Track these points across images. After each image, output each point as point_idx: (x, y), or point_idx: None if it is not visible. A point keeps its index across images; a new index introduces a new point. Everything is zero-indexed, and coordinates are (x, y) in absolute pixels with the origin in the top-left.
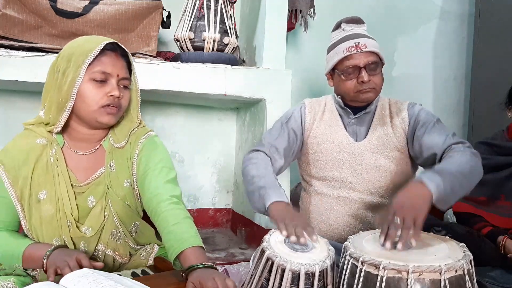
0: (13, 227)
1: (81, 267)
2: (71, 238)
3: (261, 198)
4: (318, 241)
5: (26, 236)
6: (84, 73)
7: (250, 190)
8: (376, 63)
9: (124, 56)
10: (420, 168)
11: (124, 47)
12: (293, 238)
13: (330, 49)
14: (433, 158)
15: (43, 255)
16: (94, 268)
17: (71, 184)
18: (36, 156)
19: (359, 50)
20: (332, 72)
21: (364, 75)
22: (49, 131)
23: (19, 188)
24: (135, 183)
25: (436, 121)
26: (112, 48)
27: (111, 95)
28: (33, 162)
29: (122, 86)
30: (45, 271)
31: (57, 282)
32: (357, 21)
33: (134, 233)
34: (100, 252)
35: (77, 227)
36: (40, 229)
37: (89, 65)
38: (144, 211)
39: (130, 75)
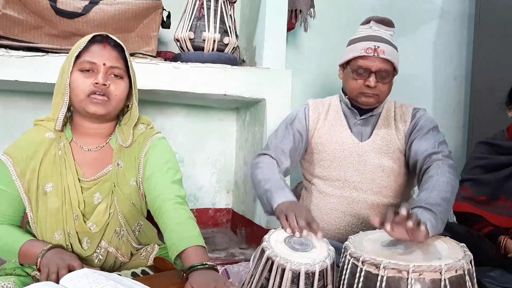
0: (15, 221)
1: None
2: (76, 232)
3: (268, 201)
4: (319, 240)
5: (27, 232)
6: (73, 65)
7: (259, 194)
8: (388, 72)
9: (116, 47)
10: None
11: (115, 39)
12: (297, 234)
13: (351, 42)
14: (415, 165)
15: (38, 253)
16: None
17: (78, 179)
18: (45, 149)
19: (376, 54)
20: (345, 66)
21: (372, 80)
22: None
23: (27, 181)
24: (141, 182)
25: (432, 127)
26: (100, 40)
27: (95, 83)
28: (41, 155)
29: (112, 75)
30: (39, 270)
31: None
32: (387, 23)
33: (137, 233)
34: (102, 250)
35: (84, 221)
36: (45, 222)
37: (78, 57)
38: (148, 212)
39: (127, 68)
